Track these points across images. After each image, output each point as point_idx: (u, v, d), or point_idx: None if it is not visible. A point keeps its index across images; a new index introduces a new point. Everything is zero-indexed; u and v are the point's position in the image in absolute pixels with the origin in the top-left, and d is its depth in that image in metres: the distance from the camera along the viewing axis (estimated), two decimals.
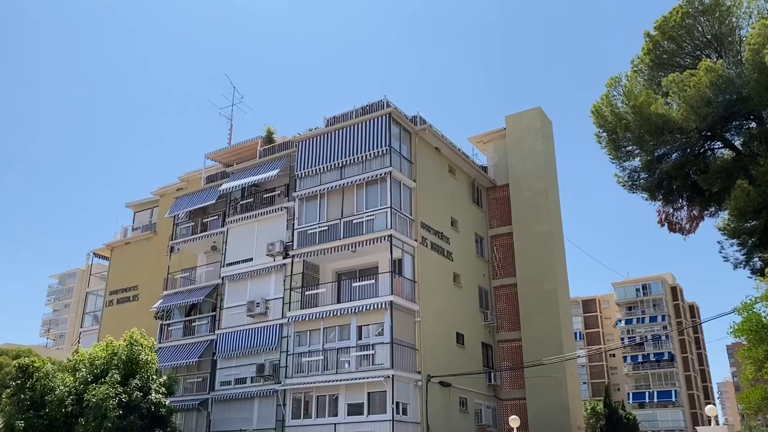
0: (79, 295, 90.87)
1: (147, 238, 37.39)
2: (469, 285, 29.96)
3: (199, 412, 28.47)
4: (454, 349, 27.52)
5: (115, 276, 38.22)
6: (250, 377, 27.26)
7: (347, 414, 23.88)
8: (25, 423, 23.33)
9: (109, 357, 25.45)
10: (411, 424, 23.67)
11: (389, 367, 23.28)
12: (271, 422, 25.55)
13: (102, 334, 33.48)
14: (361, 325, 25.08)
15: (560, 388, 28.26)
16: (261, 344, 27.30)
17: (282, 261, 28.16)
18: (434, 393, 25.04)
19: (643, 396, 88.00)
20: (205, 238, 31.96)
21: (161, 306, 31.85)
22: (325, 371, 24.87)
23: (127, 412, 23.28)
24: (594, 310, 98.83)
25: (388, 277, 24.93)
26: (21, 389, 24.45)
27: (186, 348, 30.12)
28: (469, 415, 27.35)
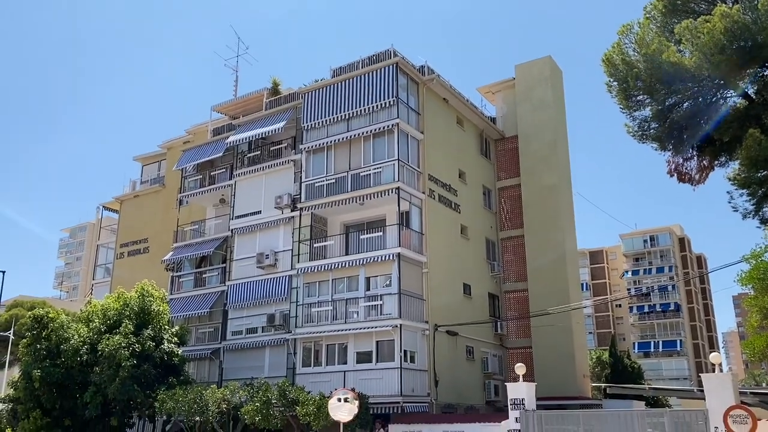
0: (90, 248, 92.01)
1: (155, 191, 37.57)
2: (476, 237, 30.08)
3: (212, 361, 29.13)
4: (461, 300, 27.84)
5: (125, 229, 38.59)
6: (261, 327, 27.76)
7: (356, 362, 24.38)
8: (42, 372, 23.98)
9: (122, 308, 25.97)
10: (418, 371, 24.15)
11: (397, 317, 23.63)
12: (282, 370, 26.13)
13: (114, 286, 34.04)
14: (369, 277, 25.35)
15: (566, 337, 28.68)
16: (271, 295, 27.69)
17: (290, 214, 28.29)
18: (441, 342, 25.46)
19: (649, 346, 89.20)
20: (214, 191, 32.08)
21: (172, 258, 32.23)
22: (334, 321, 25.28)
23: (140, 361, 23.88)
24: (601, 262, 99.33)
25: (396, 229, 25.05)
26: (37, 339, 25.05)
27: (197, 299, 30.61)
28: (475, 363, 27.87)
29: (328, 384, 23.06)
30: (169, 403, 22.93)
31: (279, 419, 21.29)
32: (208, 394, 22.63)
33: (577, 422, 18.30)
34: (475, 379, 27.58)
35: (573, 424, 18.41)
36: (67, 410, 24.37)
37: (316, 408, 20.12)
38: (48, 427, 24.21)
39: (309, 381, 24.20)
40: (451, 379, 25.52)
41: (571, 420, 18.61)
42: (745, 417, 14.03)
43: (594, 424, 18.13)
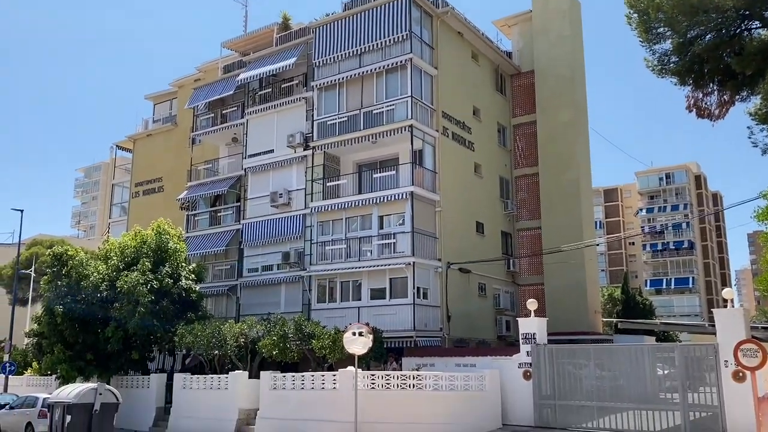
0: (105, 187, 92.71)
1: (168, 130, 37.49)
2: (490, 175, 29.89)
3: (229, 297, 29.72)
4: (474, 238, 27.92)
5: (139, 168, 38.75)
6: (276, 264, 28.12)
7: (370, 298, 24.76)
8: (63, 307, 24.63)
9: (139, 246, 26.37)
10: (431, 307, 24.52)
11: (410, 255, 23.81)
12: (297, 306, 26.62)
13: (130, 224, 34.48)
14: (382, 215, 25.42)
15: (578, 274, 28.84)
16: (285, 233, 27.93)
17: (302, 152, 28.18)
18: (454, 279, 25.71)
19: (661, 283, 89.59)
20: (226, 129, 31.93)
21: (186, 197, 32.44)
22: (348, 259, 25.53)
23: (158, 297, 24.41)
24: (615, 200, 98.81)
25: (409, 168, 24.91)
26: (57, 276, 25.61)
27: (213, 237, 30.95)
28: (487, 300, 28.21)
29: (343, 319, 23.50)
30: (188, 337, 23.56)
31: (296, 353, 21.83)
32: (226, 329, 23.18)
33: (588, 356, 18.61)
34: (486, 315, 27.97)
35: (583, 358, 18.72)
36: (89, 344, 25.13)
37: (331, 342, 20.58)
38: (71, 360, 25.05)
39: (324, 316, 24.69)
40: (463, 315, 25.89)
41: (582, 354, 18.92)
42: (755, 351, 14.16)
43: (604, 358, 18.44)
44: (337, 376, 19.00)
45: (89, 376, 24.83)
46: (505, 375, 19.54)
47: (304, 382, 19.75)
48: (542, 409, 18.74)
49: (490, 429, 18.36)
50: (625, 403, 17.43)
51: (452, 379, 18.57)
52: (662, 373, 17.62)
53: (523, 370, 19.28)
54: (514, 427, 18.60)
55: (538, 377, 18.97)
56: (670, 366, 17.43)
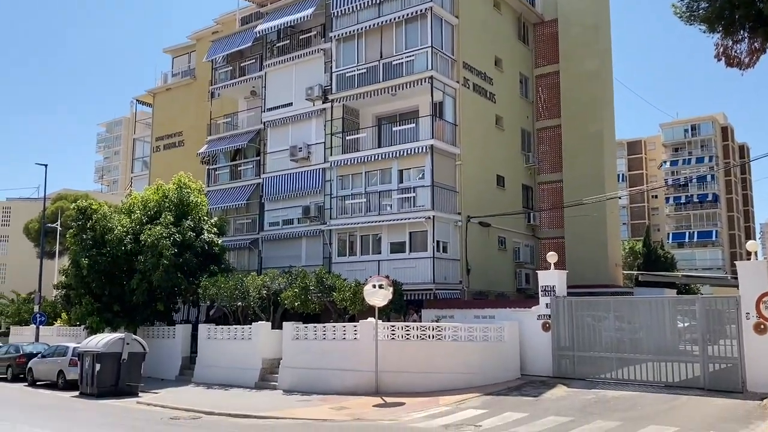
0: (126, 142, 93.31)
1: (187, 84, 37.39)
2: (511, 127, 29.49)
3: (251, 251, 30.09)
4: (495, 191, 27.77)
5: (159, 122, 38.84)
6: (297, 218, 28.31)
7: (390, 252, 24.90)
8: (89, 260, 25.17)
9: (161, 200, 26.69)
10: (451, 260, 24.61)
11: (430, 209, 23.79)
12: (318, 259, 26.88)
13: (152, 178, 34.80)
14: (402, 169, 25.31)
15: (599, 227, 28.65)
16: (305, 188, 28.00)
17: (321, 106, 27.98)
18: (474, 232, 25.71)
19: (683, 236, 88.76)
20: (244, 82, 31.74)
21: (206, 151, 32.55)
22: (368, 213, 25.58)
23: (181, 250, 24.81)
24: (639, 152, 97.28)
25: (429, 120, 24.65)
26: (82, 230, 26.08)
27: (233, 191, 31.16)
28: (507, 253, 28.22)
29: (363, 272, 23.72)
30: (212, 289, 24.00)
31: (317, 304, 22.16)
32: (248, 281, 23.55)
33: (608, 308, 18.63)
34: (506, 268, 28.03)
35: (603, 310, 18.75)
36: (115, 296, 25.76)
37: (352, 294, 20.83)
38: (99, 311, 25.75)
39: (345, 269, 24.92)
40: (483, 268, 25.98)
41: (601, 306, 18.95)
42: None
43: (624, 311, 18.45)
44: (357, 327, 19.31)
45: (116, 327, 25.54)
46: (524, 327, 19.70)
47: (326, 332, 20.10)
48: (560, 360, 18.92)
49: (508, 379, 18.61)
50: (644, 355, 17.51)
51: (471, 331, 18.77)
52: (682, 326, 17.62)
53: (542, 322, 19.41)
54: (532, 378, 18.83)
55: (557, 329, 19.09)
56: (690, 319, 17.40)
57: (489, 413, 14.35)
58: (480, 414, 14.35)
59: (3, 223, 74.75)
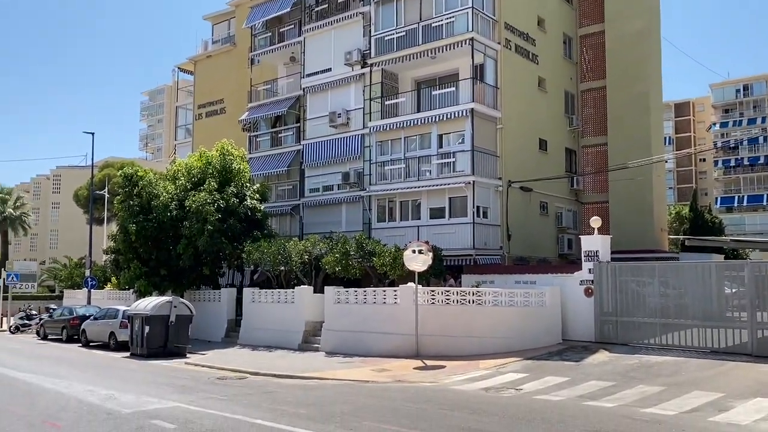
0: (169, 110, 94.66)
1: (227, 51, 37.58)
2: (554, 89, 28.83)
3: (292, 217, 30.45)
4: (537, 155, 27.33)
5: (201, 90, 39.24)
6: (337, 185, 28.45)
7: (429, 217, 24.87)
8: (136, 226, 25.86)
9: (204, 166, 27.12)
10: (491, 226, 24.46)
11: (470, 174, 23.59)
12: (358, 225, 27.05)
13: (195, 145, 35.33)
14: (441, 134, 25.09)
15: (645, 191, 28.02)
16: (344, 154, 28.04)
17: (360, 70, 27.79)
18: (515, 198, 25.45)
19: (732, 200, 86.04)
20: (283, 48, 31.72)
21: (247, 118, 32.81)
22: (407, 179, 25.54)
23: (225, 216, 25.27)
24: (687, 114, 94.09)
25: (469, 83, 24.28)
26: (129, 196, 26.76)
27: (275, 158, 31.43)
28: (549, 218, 27.89)
29: (403, 238, 23.79)
30: (255, 254, 24.44)
31: (357, 269, 22.38)
32: (290, 246, 23.90)
33: (652, 274, 18.31)
34: (548, 234, 27.74)
35: (648, 275, 18.44)
36: (162, 261, 26.48)
37: (391, 259, 20.95)
38: (147, 275, 26.55)
39: (384, 235, 25.03)
40: (524, 234, 25.76)
41: (646, 271, 18.64)
42: None
43: (669, 276, 18.11)
44: (398, 292, 19.46)
45: (164, 291, 26.31)
46: (565, 292, 19.55)
47: (366, 296, 20.33)
48: (603, 325, 18.76)
49: (549, 344, 18.57)
50: (690, 321, 17.22)
51: (512, 296, 18.73)
52: (729, 292, 17.22)
53: (584, 287, 19.21)
54: (574, 343, 18.74)
55: (600, 294, 18.89)
56: (738, 284, 16.99)
57: (529, 377, 14.39)
58: (520, 378, 14.40)
59: (54, 190, 77.24)
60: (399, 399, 12.25)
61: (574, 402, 11.64)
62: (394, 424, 9.83)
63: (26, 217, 64.49)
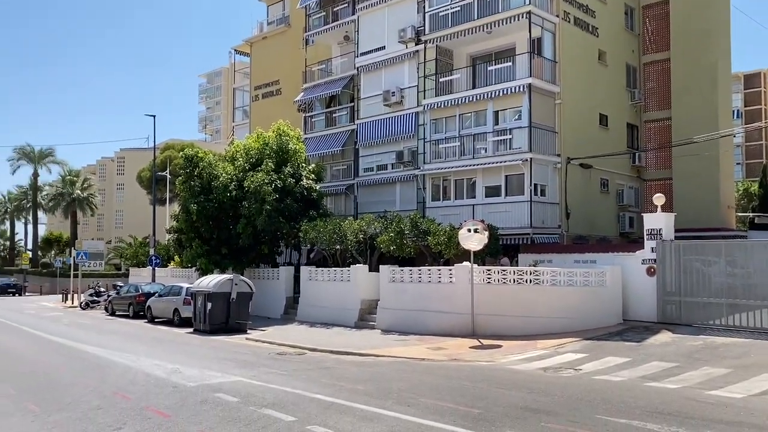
0: (227, 92, 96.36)
1: (282, 32, 37.85)
2: (615, 63, 27.88)
3: (347, 196, 30.67)
4: (597, 131, 26.58)
5: (257, 71, 39.74)
6: (391, 164, 28.43)
7: (485, 196, 24.60)
8: (197, 206, 26.57)
9: (261, 147, 27.55)
10: (549, 204, 24.01)
11: (527, 151, 23.16)
12: (412, 204, 27.02)
13: (252, 127, 35.92)
14: (497, 110, 24.68)
15: (711, 167, 26.94)
16: (398, 132, 27.95)
17: (414, 48, 27.54)
18: (574, 175, 24.87)
19: None
20: (337, 27, 31.72)
21: (302, 99, 33.07)
22: (462, 157, 25.29)
23: (282, 196, 25.66)
24: (757, 86, 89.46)
25: (526, 58, 23.74)
26: (190, 177, 27.47)
27: (329, 138, 31.63)
28: (609, 196, 27.17)
29: (458, 216, 23.64)
30: (312, 233, 24.77)
31: (412, 248, 22.39)
32: (345, 226, 24.10)
33: (719, 252, 17.61)
34: (608, 212, 27.05)
35: (714, 254, 17.75)
36: (223, 239, 27.17)
37: (446, 238, 20.86)
38: (208, 254, 27.30)
39: (439, 214, 24.94)
40: (583, 212, 25.19)
41: (712, 250, 17.94)
42: None
43: (737, 255, 17.38)
44: (453, 271, 19.39)
45: (224, 269, 27.01)
46: (627, 271, 19.05)
47: (421, 275, 20.35)
48: (666, 305, 18.22)
49: (609, 324, 18.18)
50: (758, 301, 16.52)
51: (571, 275, 18.38)
52: None
53: (646, 267, 18.68)
54: (635, 323, 18.29)
55: (663, 274, 18.32)
56: None
57: (589, 357, 14.15)
58: (579, 358, 14.18)
59: (118, 172, 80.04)
60: (455, 377, 12.26)
61: (635, 383, 11.39)
62: (450, 401, 9.85)
63: (93, 198, 67.24)
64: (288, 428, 8.38)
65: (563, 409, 9.31)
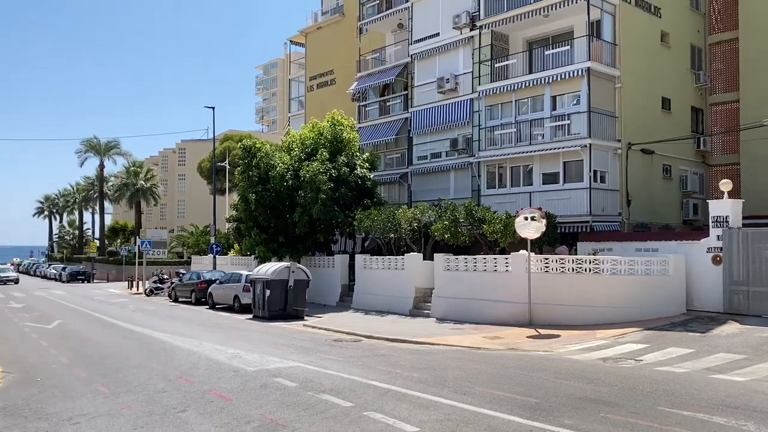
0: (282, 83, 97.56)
1: (336, 21, 38.03)
2: (679, 44, 26.81)
3: (400, 185, 30.68)
4: (659, 115, 25.67)
5: (311, 62, 40.10)
6: (445, 151, 28.26)
7: (542, 183, 24.15)
8: (256, 196, 27.13)
9: (316, 137, 27.85)
10: (609, 191, 23.39)
11: (586, 137, 22.59)
12: (467, 192, 26.80)
13: (307, 117, 36.34)
14: (555, 95, 24.13)
15: None
16: (453, 120, 27.73)
17: (469, 33, 27.21)
18: (635, 161, 24.13)
19: None
20: (391, 15, 31.62)
21: (356, 88, 33.19)
22: (518, 143, 24.87)
23: (337, 185, 25.90)
24: None
25: (585, 41, 23.10)
26: (248, 167, 28.04)
27: (383, 127, 31.66)
28: (672, 182, 26.26)
29: (513, 204, 23.33)
30: (366, 221, 24.92)
31: (467, 237, 22.23)
32: (399, 214, 24.13)
33: None
34: (671, 199, 26.15)
35: None
36: (280, 228, 27.67)
37: (502, 226, 20.62)
38: (266, 242, 27.86)
39: (494, 202, 24.66)
40: (645, 199, 24.44)
41: None
42: None
43: None
44: (509, 260, 19.18)
45: (282, 257, 27.53)
46: (691, 260, 18.42)
47: (477, 264, 20.20)
48: (732, 295, 17.53)
49: (671, 314, 17.64)
50: None
51: (632, 264, 17.89)
52: None
53: (712, 255, 18.01)
54: (699, 313, 17.69)
55: (730, 262, 17.63)
56: None
57: (650, 348, 13.78)
58: (640, 348, 13.82)
59: (180, 162, 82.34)
60: (512, 366, 12.15)
61: (699, 375, 11.03)
62: (507, 391, 9.78)
63: (156, 188, 69.39)
64: (345, 414, 8.50)
65: (624, 400, 9.10)
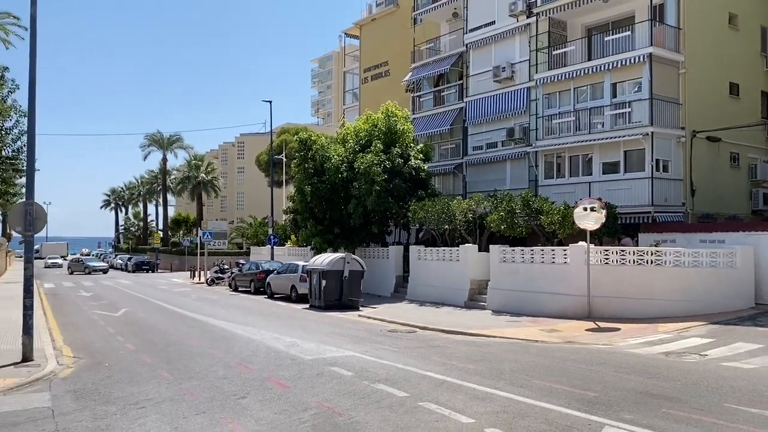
0: (337, 75, 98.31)
1: (391, 12, 37.97)
2: (748, 25, 25.61)
3: (455, 176, 30.47)
4: (726, 101, 24.63)
5: (366, 54, 40.18)
6: (501, 141, 27.90)
7: (602, 173, 23.55)
8: (311, 187, 27.49)
9: (371, 129, 27.95)
10: (672, 181, 22.62)
11: (648, 125, 21.89)
12: (523, 182, 26.41)
13: (362, 109, 36.44)
14: (615, 83, 23.45)
15: None
16: (509, 109, 27.34)
17: (526, 20, 26.72)
18: (700, 149, 23.24)
19: None
20: (446, 5, 31.35)
21: (410, 79, 33.10)
22: (577, 132, 24.32)
23: (391, 177, 25.96)
24: None
25: (647, 26, 22.34)
26: (304, 160, 28.43)
27: (437, 117, 31.49)
28: (740, 171, 25.18)
29: (572, 195, 22.85)
30: (420, 213, 24.89)
31: (523, 228, 21.92)
32: (454, 205, 23.99)
33: None
34: (739, 188, 25.10)
35: None
36: (335, 220, 27.96)
37: (560, 217, 20.23)
38: (322, 233, 28.21)
39: (552, 192, 24.21)
40: (710, 188, 23.53)
41: None
42: None
43: None
44: (567, 251, 18.81)
45: (337, 248, 27.81)
46: (760, 252, 17.65)
47: (534, 256, 19.90)
48: None
49: (739, 308, 16.96)
50: None
51: (696, 256, 17.27)
52: None
53: None
54: None
55: None
56: None
57: (716, 342, 13.28)
58: (705, 343, 13.34)
59: (239, 156, 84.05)
60: (570, 360, 11.94)
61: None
62: (565, 384, 9.62)
63: (216, 181, 71.15)
64: (401, 404, 8.54)
65: (687, 395, 8.82)
